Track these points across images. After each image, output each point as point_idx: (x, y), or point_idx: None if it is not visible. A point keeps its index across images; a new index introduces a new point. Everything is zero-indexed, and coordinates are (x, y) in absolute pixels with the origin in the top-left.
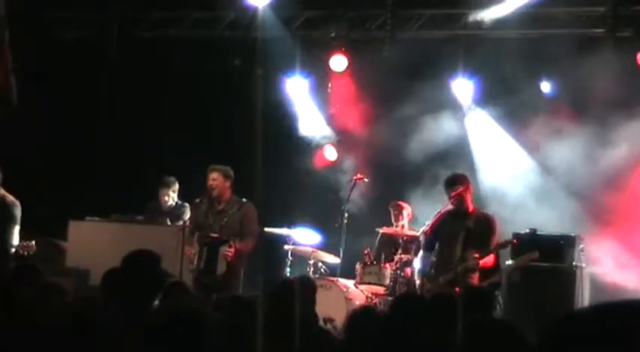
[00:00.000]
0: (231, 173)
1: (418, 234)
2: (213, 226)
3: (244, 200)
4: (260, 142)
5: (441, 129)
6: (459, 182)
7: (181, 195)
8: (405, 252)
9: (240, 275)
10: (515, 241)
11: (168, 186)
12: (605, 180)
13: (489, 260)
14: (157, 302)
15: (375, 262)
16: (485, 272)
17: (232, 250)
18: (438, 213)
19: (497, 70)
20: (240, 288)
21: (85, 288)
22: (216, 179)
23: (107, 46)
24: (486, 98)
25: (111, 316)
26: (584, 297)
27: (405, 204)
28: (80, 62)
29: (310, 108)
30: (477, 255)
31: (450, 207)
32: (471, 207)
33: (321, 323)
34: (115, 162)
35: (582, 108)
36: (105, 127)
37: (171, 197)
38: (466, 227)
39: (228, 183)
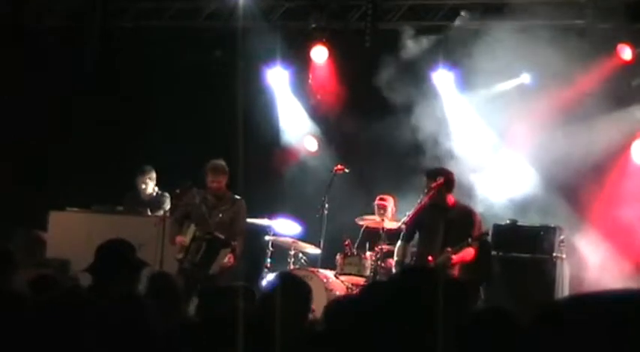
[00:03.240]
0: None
1: (399, 224)
2: (209, 220)
3: (237, 197)
4: (241, 133)
5: (421, 119)
6: (439, 174)
7: (162, 186)
8: (387, 243)
9: (230, 275)
10: (488, 231)
11: (144, 174)
12: (586, 171)
13: (469, 253)
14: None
15: (355, 253)
16: (468, 266)
17: (232, 257)
18: (419, 204)
19: (478, 61)
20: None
21: (66, 278)
22: (221, 181)
23: (88, 36)
24: (467, 89)
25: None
26: (564, 288)
27: (387, 200)
28: (61, 52)
29: (291, 98)
30: (449, 249)
31: (430, 198)
32: (451, 200)
33: None
34: (96, 152)
35: (563, 99)
36: (84, 117)
37: (149, 185)
38: (447, 219)
39: (226, 180)
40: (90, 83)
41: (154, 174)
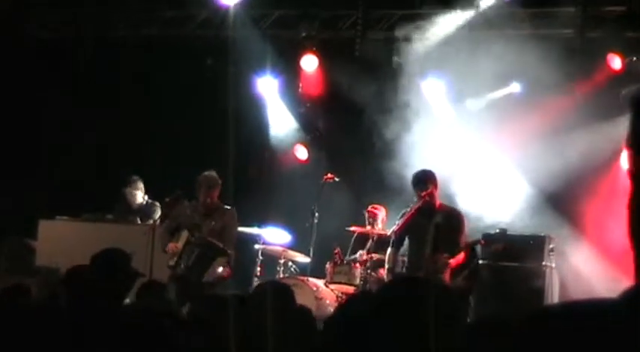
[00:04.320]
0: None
1: (389, 233)
2: (202, 228)
3: (227, 207)
4: (231, 141)
5: (411, 128)
6: (429, 181)
7: (152, 194)
8: (378, 251)
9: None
10: (482, 241)
11: (132, 185)
12: (576, 181)
13: (460, 257)
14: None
15: (345, 262)
16: (456, 270)
17: (229, 269)
18: (409, 210)
19: (468, 70)
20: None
21: (55, 287)
22: (215, 195)
23: (79, 45)
24: (456, 98)
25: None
26: (554, 297)
27: (378, 210)
28: (51, 62)
29: (281, 107)
30: (446, 255)
31: (418, 204)
32: (437, 203)
33: None
34: (86, 160)
35: (553, 109)
36: (76, 126)
37: (137, 195)
38: (435, 223)
39: (219, 192)
40: (82, 92)
41: (141, 185)
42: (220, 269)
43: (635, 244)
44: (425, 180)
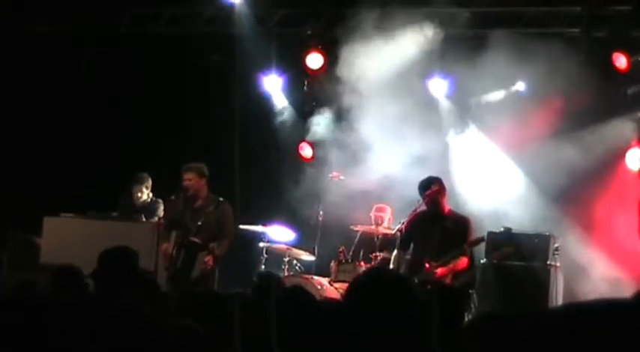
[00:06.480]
0: (206, 171)
1: (394, 231)
2: (190, 225)
3: (221, 199)
4: (237, 139)
5: (416, 127)
6: (433, 183)
7: (156, 192)
8: (383, 250)
9: (215, 277)
10: (483, 237)
11: (141, 182)
12: (581, 180)
13: (462, 262)
14: None
15: (349, 260)
16: (458, 274)
17: (211, 259)
18: (413, 211)
19: (473, 69)
20: (214, 287)
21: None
22: (191, 179)
23: (84, 42)
24: (462, 97)
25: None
26: (558, 296)
27: (384, 212)
28: (57, 58)
29: (286, 105)
30: (431, 264)
31: (424, 207)
32: (446, 208)
33: None
34: (91, 157)
35: (558, 108)
36: (80, 123)
37: (145, 193)
38: (442, 228)
39: (203, 181)
40: (87, 89)
41: (149, 182)
42: (204, 264)
43: None
44: (429, 183)
